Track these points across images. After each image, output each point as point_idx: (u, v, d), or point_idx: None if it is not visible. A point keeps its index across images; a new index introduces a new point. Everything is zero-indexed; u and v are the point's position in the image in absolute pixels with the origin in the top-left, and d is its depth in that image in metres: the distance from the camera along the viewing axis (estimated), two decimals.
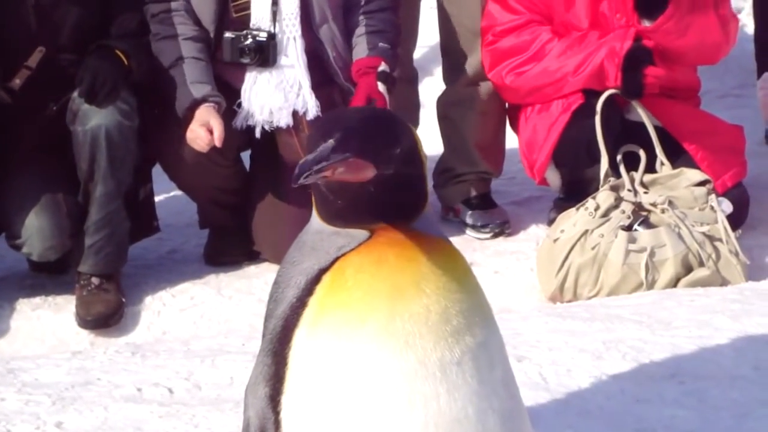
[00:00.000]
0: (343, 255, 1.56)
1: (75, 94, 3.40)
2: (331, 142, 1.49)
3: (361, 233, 1.57)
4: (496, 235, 3.91)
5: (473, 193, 3.99)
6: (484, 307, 1.58)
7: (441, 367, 1.47)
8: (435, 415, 1.46)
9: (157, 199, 3.79)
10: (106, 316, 3.47)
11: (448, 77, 4.05)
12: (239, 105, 3.57)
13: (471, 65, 3.91)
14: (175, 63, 3.52)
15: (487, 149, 3.98)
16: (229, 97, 3.55)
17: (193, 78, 3.51)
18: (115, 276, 3.57)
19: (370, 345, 1.48)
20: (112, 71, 3.39)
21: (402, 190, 1.56)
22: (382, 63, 3.55)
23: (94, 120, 3.38)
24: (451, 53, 3.99)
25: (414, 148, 1.59)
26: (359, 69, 3.58)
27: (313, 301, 1.54)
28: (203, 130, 3.43)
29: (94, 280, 3.51)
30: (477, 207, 3.97)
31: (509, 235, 3.91)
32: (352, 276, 1.53)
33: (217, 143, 3.42)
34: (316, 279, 1.55)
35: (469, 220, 3.95)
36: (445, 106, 4.04)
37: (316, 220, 1.63)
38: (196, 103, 3.48)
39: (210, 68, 3.56)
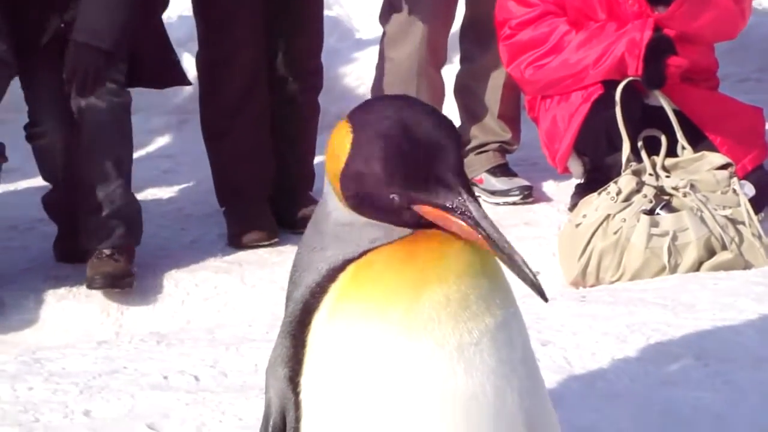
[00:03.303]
0: (375, 248, 1.52)
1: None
2: (459, 188, 1.47)
3: (402, 230, 1.53)
4: (524, 198, 4.03)
5: (495, 162, 4.05)
6: (505, 289, 1.58)
7: (459, 347, 1.47)
8: (452, 392, 1.46)
9: (178, 188, 3.80)
10: (114, 276, 3.50)
11: (467, 55, 4.08)
12: None
13: (494, 42, 3.95)
14: None
15: (510, 120, 4.11)
16: None
17: None
18: (128, 250, 3.60)
19: (388, 330, 1.48)
20: (90, 62, 3.42)
21: None
22: None
23: (85, 102, 3.47)
24: (474, 32, 4.03)
25: None
26: None
27: (334, 288, 1.53)
28: None
29: (106, 251, 3.55)
30: (501, 175, 4.09)
31: (533, 202, 4.04)
32: (379, 269, 1.51)
33: None
34: (340, 267, 1.53)
35: (495, 187, 4.04)
36: (464, 78, 4.09)
37: (339, 211, 1.56)
38: None
39: None
